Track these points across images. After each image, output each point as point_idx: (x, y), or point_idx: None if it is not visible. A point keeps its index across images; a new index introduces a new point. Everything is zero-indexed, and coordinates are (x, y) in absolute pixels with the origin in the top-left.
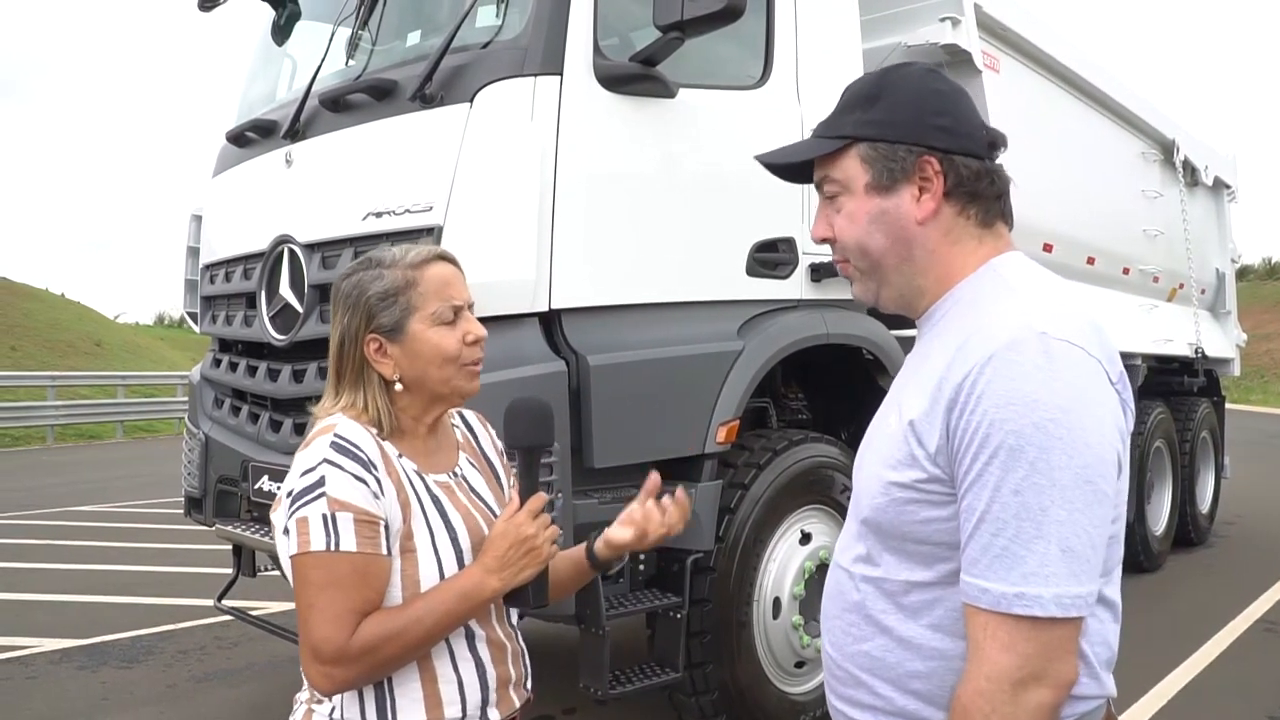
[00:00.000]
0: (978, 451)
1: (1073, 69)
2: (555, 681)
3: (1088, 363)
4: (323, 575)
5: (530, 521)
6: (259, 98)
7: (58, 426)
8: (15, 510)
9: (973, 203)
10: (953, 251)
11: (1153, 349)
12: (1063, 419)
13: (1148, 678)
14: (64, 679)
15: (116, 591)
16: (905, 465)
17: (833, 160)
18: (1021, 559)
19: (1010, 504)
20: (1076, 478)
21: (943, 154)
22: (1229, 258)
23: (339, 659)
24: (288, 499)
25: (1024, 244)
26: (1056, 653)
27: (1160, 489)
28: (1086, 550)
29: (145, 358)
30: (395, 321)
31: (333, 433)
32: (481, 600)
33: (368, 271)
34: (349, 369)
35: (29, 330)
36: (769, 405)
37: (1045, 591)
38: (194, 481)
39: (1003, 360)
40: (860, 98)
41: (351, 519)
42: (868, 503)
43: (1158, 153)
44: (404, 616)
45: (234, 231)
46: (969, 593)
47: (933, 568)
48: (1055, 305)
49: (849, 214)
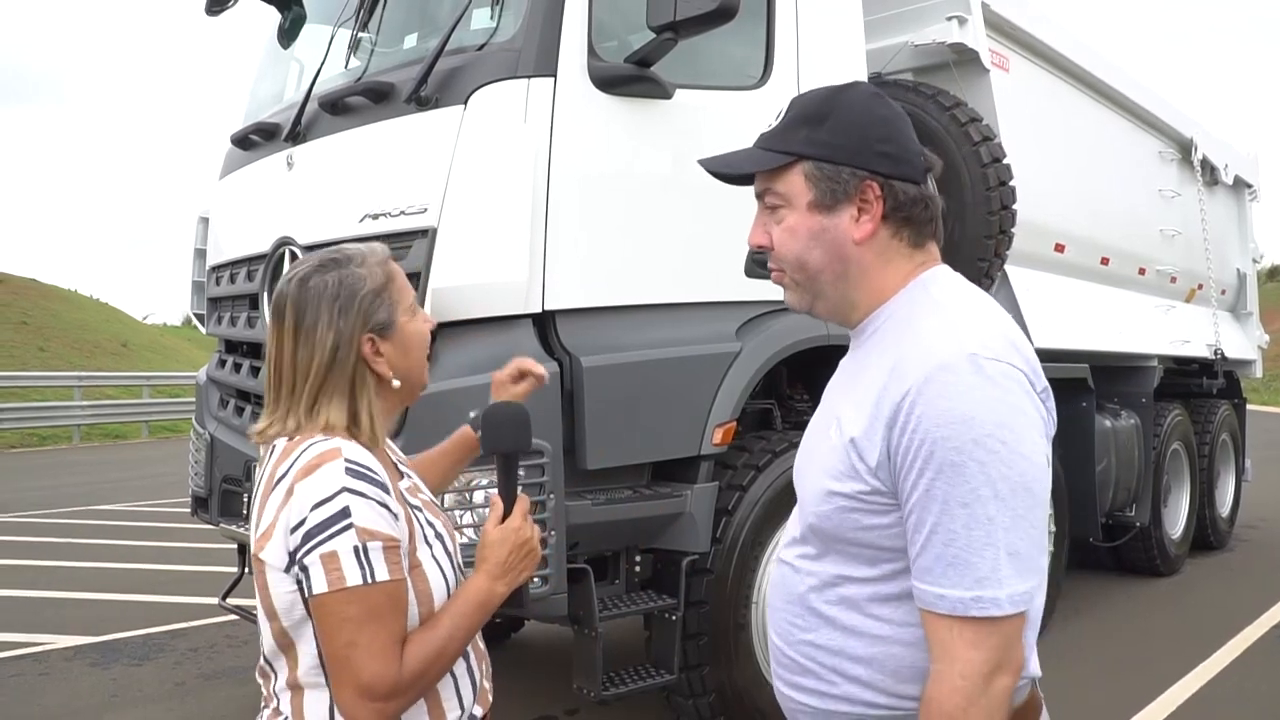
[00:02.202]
0: (922, 468)
1: (1085, 67)
2: (557, 683)
3: (1015, 377)
4: (360, 610)
5: (527, 525)
6: (265, 100)
7: (84, 426)
8: (37, 509)
9: (907, 225)
10: (885, 270)
11: (1169, 350)
12: (998, 433)
13: (1158, 683)
14: (76, 675)
15: (131, 589)
16: (848, 477)
17: (777, 174)
18: (974, 565)
19: (959, 516)
20: (1016, 486)
21: (884, 179)
22: (1250, 258)
23: (395, 692)
24: (294, 533)
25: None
26: (1013, 643)
27: (1178, 492)
28: (1031, 550)
29: (171, 358)
30: (387, 318)
31: (342, 457)
32: (494, 607)
33: (345, 269)
34: (340, 377)
35: (57, 331)
36: (774, 407)
37: (1000, 593)
38: (200, 481)
39: (938, 381)
40: (809, 116)
41: (381, 547)
42: (812, 509)
43: (1175, 151)
44: (440, 635)
45: (238, 233)
46: (925, 599)
47: (875, 566)
48: (981, 324)
49: (789, 228)
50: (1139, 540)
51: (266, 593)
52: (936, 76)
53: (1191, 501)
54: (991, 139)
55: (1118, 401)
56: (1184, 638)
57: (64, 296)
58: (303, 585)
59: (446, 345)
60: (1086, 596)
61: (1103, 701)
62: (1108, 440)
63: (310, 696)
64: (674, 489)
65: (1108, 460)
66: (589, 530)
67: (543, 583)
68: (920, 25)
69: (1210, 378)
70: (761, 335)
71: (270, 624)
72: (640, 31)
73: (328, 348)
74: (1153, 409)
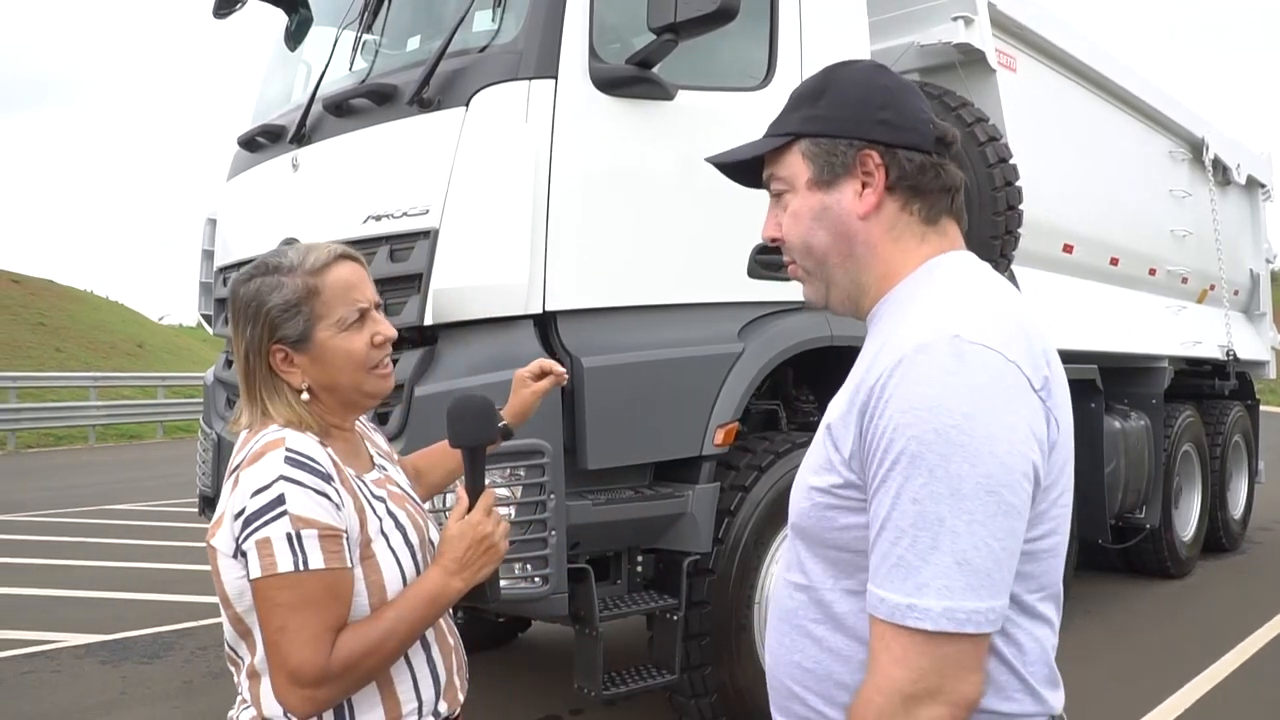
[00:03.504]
0: (883, 457)
1: (1094, 67)
2: (562, 682)
3: (1002, 367)
4: (292, 596)
5: (486, 520)
6: (272, 102)
7: (99, 426)
8: (52, 508)
9: (916, 197)
10: (894, 249)
11: (1180, 351)
12: (965, 425)
13: (1167, 685)
14: (86, 673)
15: (142, 589)
16: (824, 470)
17: (778, 158)
18: (916, 569)
19: (909, 512)
20: (978, 487)
21: (885, 147)
22: (1264, 258)
23: (321, 680)
24: (237, 520)
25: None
26: (952, 669)
27: (1189, 494)
28: (987, 564)
29: (186, 359)
30: (300, 332)
31: (284, 447)
32: (447, 602)
33: (265, 279)
34: (257, 380)
35: (73, 332)
36: (779, 408)
37: (935, 604)
38: (207, 481)
39: (911, 363)
40: (805, 95)
41: (316, 535)
42: (795, 508)
43: (1186, 151)
44: (379, 628)
45: (245, 235)
46: (870, 601)
47: (854, 576)
48: (977, 307)
49: (793, 212)
50: (1149, 542)
51: (219, 579)
52: (943, 77)
53: (1203, 503)
54: (998, 139)
55: (1127, 403)
56: (1194, 640)
57: (80, 297)
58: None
59: (448, 346)
60: (1097, 598)
61: (1112, 704)
62: (1117, 442)
63: (267, 683)
64: (675, 489)
65: (1117, 462)
66: (590, 530)
67: (543, 582)
68: (926, 26)
69: (1223, 379)
70: (764, 336)
71: (226, 611)
72: (642, 33)
73: (243, 354)
74: (1163, 410)
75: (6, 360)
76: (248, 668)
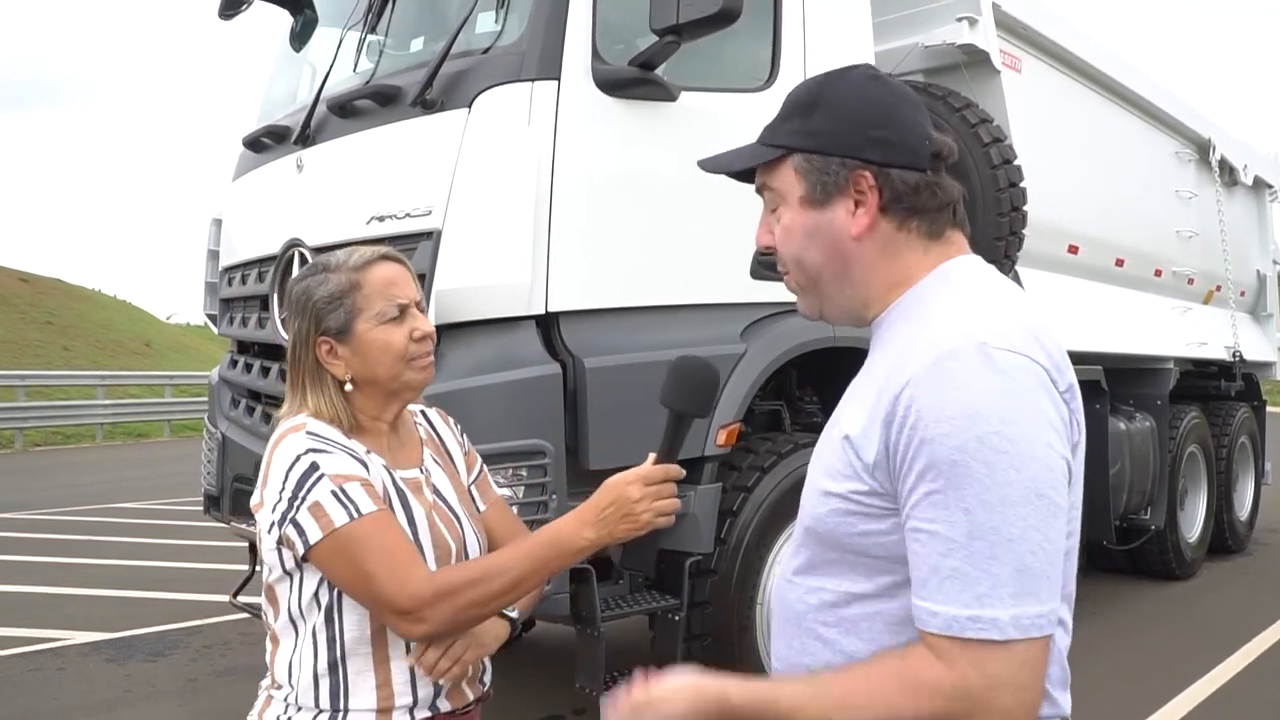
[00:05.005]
0: (921, 470)
1: (1099, 68)
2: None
3: (1032, 371)
4: (360, 545)
5: (639, 486)
6: (278, 102)
7: (107, 425)
8: (59, 506)
9: (913, 216)
10: (894, 265)
11: (1185, 352)
12: (1006, 431)
13: (1172, 687)
14: (92, 671)
15: (149, 587)
16: (844, 477)
17: (771, 168)
18: (974, 580)
19: (959, 523)
20: (1028, 492)
21: (879, 167)
22: (1271, 259)
23: (420, 605)
24: (282, 504)
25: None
26: (1027, 673)
27: (1194, 495)
28: (1043, 567)
29: (193, 358)
30: (342, 323)
31: (304, 430)
32: (574, 550)
33: (314, 277)
34: (304, 371)
35: (81, 330)
36: (783, 409)
37: (1003, 614)
38: (212, 480)
39: (941, 371)
40: (798, 106)
41: (359, 484)
42: (809, 511)
43: (1192, 152)
44: (488, 561)
45: (250, 235)
46: (919, 616)
47: (873, 580)
48: (997, 312)
49: (786, 226)
50: (1154, 543)
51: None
52: (947, 78)
53: (1209, 505)
54: (1002, 140)
55: (1133, 404)
56: (1199, 642)
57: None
58: (294, 544)
59: (450, 346)
60: (1101, 599)
61: (1117, 705)
62: (1122, 443)
63: (282, 647)
64: (678, 490)
65: (1122, 463)
66: None
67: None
68: (931, 27)
69: (1229, 380)
70: (767, 337)
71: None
72: (644, 34)
73: (291, 345)
74: (1168, 411)
75: (14, 359)
76: (270, 633)
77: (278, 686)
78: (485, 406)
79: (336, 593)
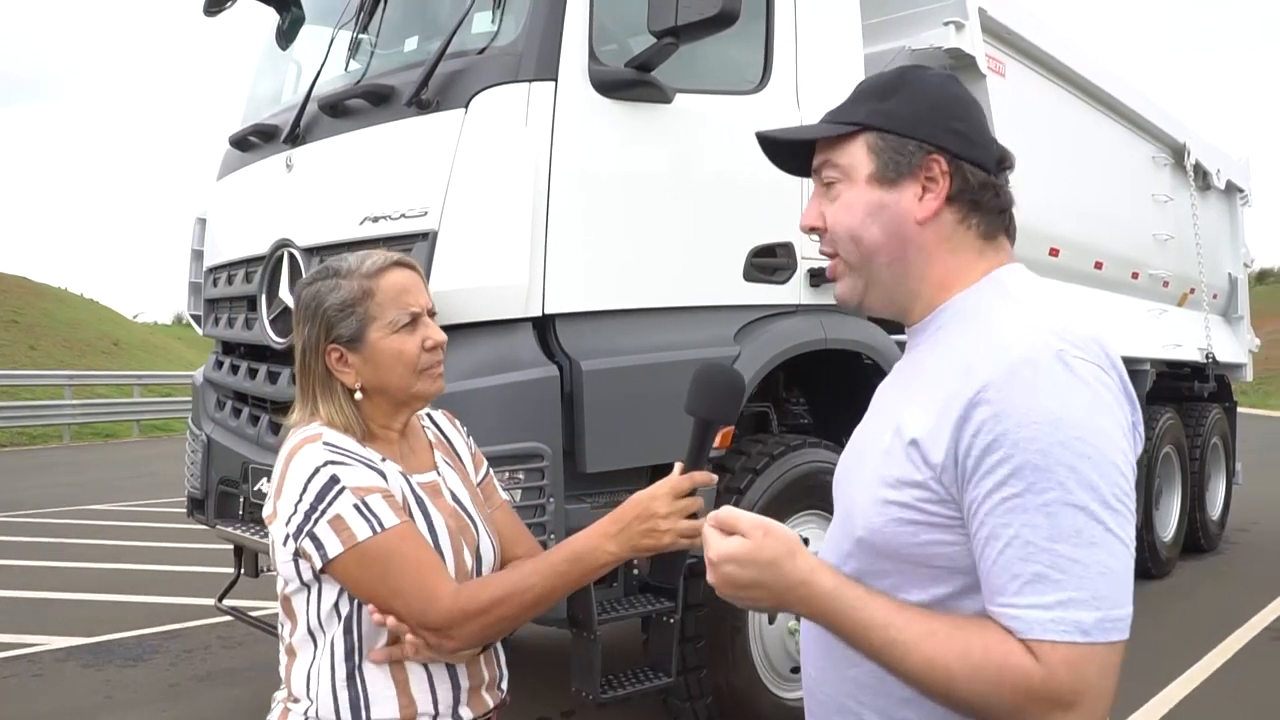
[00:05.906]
0: (1002, 475)
1: (1080, 73)
2: (553, 685)
3: (1105, 379)
4: (384, 559)
5: (666, 501)
6: (263, 101)
7: (75, 425)
8: (29, 508)
9: (975, 212)
10: (950, 259)
11: (1162, 354)
12: (1089, 437)
13: (1150, 686)
14: (69, 677)
15: (124, 590)
16: (906, 485)
17: (837, 145)
18: (1057, 583)
19: (1041, 526)
20: (1108, 497)
21: (952, 156)
22: (1241, 262)
23: (450, 621)
24: (298, 516)
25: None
26: (1109, 675)
27: (1169, 495)
28: (1123, 569)
29: (162, 357)
30: (354, 332)
31: (321, 440)
32: (597, 564)
33: (325, 282)
34: (314, 379)
35: (48, 329)
36: (770, 410)
37: (1087, 616)
38: (196, 482)
39: (1020, 378)
40: (875, 89)
41: (380, 497)
42: (862, 522)
43: (1168, 157)
44: (513, 577)
45: (236, 235)
46: (1001, 620)
47: (927, 590)
48: (1065, 321)
49: (846, 203)
50: None
51: (275, 560)
52: None
53: (1183, 504)
54: None
55: None
56: (1176, 640)
57: (54, 295)
58: (310, 557)
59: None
60: None
61: None
62: None
63: (300, 659)
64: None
65: None
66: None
67: None
68: (918, 30)
69: (1202, 381)
70: (760, 339)
71: (281, 589)
72: (641, 36)
73: (300, 352)
74: (1145, 412)
75: None
76: (286, 645)
77: (295, 700)
78: (482, 409)
79: (356, 603)
